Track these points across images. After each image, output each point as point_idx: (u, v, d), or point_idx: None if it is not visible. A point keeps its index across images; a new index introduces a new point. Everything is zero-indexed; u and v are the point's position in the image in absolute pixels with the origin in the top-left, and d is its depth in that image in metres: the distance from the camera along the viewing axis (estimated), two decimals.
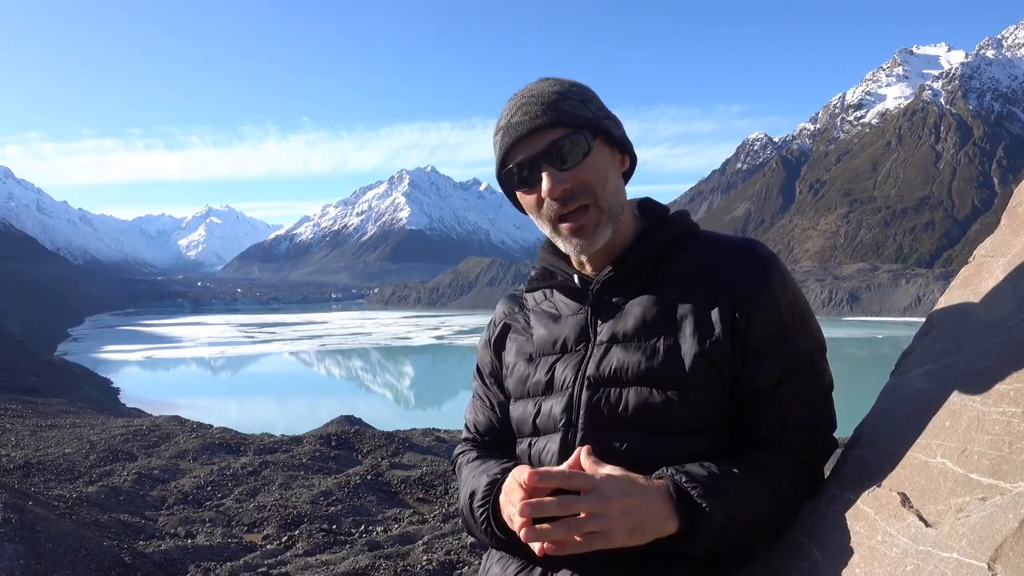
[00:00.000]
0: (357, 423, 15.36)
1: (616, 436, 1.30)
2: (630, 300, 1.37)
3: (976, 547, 0.96)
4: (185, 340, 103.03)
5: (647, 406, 1.29)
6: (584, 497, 1.12)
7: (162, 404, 36.24)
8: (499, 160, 1.37)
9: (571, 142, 1.31)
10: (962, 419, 1.15)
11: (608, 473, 1.16)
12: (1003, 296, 1.31)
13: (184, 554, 6.83)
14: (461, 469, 1.52)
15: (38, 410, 20.60)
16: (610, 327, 1.37)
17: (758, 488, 1.23)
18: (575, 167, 1.31)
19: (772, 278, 1.31)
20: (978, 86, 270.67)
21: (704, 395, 1.29)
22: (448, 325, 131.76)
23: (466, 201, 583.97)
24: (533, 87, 1.38)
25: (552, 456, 1.36)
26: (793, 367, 1.30)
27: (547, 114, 1.31)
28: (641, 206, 1.50)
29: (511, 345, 1.54)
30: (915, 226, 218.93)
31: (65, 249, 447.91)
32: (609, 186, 1.35)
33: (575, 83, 1.39)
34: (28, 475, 9.28)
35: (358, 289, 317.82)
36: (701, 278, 1.34)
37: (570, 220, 1.34)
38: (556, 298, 1.50)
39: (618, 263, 1.38)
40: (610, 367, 1.33)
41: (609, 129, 1.36)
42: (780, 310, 1.30)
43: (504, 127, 1.35)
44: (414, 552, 6.82)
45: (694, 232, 1.43)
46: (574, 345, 1.41)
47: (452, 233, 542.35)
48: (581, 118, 1.33)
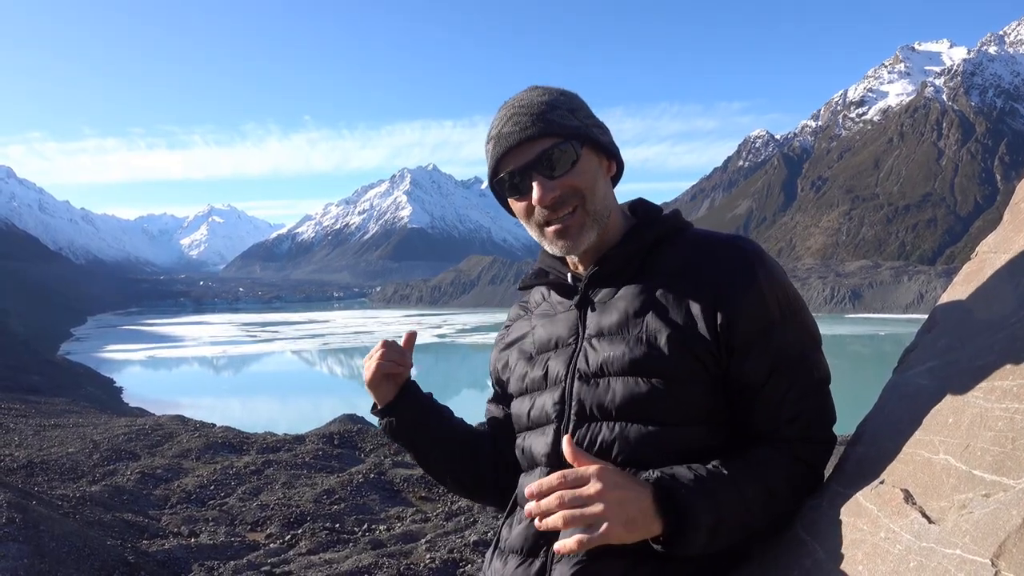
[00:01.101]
0: (360, 422, 15.38)
1: (607, 427, 1.33)
2: (616, 295, 1.40)
3: (979, 543, 0.96)
4: (187, 339, 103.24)
5: (633, 396, 1.31)
6: (582, 489, 1.15)
7: (165, 403, 36.32)
8: (491, 169, 1.43)
9: (560, 151, 1.36)
10: (965, 415, 1.15)
11: (600, 466, 1.19)
12: (1006, 292, 1.30)
13: (188, 553, 6.84)
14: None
15: (41, 410, 20.65)
16: (597, 321, 1.40)
17: (751, 488, 1.24)
18: (564, 175, 1.36)
19: (756, 273, 1.32)
20: (980, 82, 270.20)
21: (689, 387, 1.30)
22: (450, 323, 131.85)
23: (468, 199, 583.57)
24: (522, 97, 1.42)
25: (545, 447, 1.40)
26: (782, 361, 1.31)
27: (536, 125, 1.36)
28: (633, 207, 1.53)
29: (515, 346, 1.59)
30: (917, 223, 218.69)
31: (67, 249, 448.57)
32: (597, 191, 1.39)
33: (564, 92, 1.43)
34: (32, 475, 9.29)
35: (360, 288, 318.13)
36: (687, 274, 1.36)
37: (556, 223, 1.39)
38: (552, 298, 1.55)
39: (603, 259, 1.41)
40: (598, 360, 1.36)
41: (596, 137, 1.41)
42: (766, 304, 1.31)
43: (495, 137, 1.40)
44: (417, 551, 6.82)
45: (683, 229, 1.46)
46: (566, 340, 1.45)
47: (454, 231, 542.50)
48: (569, 128, 1.37)
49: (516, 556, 1.42)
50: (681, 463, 1.25)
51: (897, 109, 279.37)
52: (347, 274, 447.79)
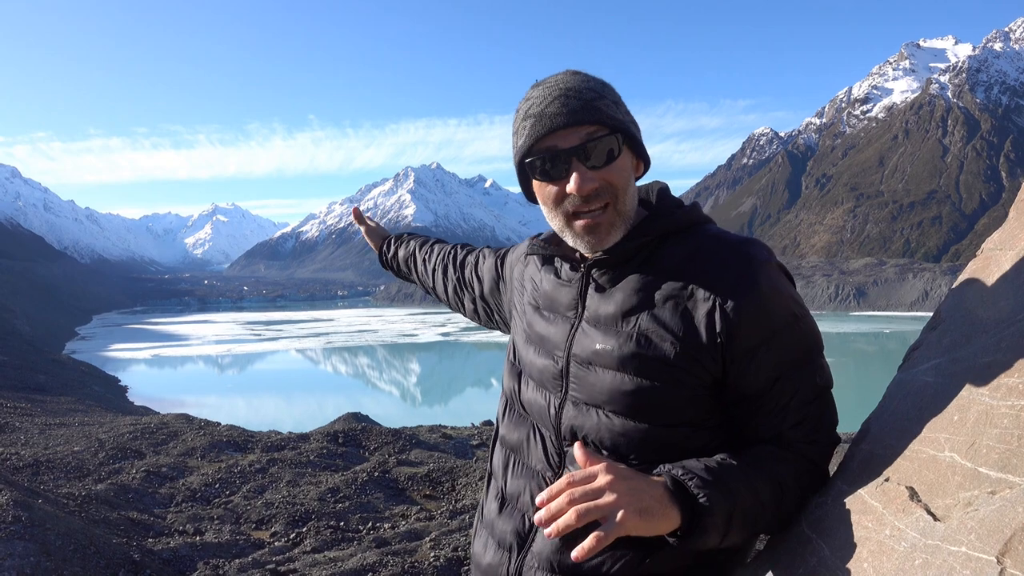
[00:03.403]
0: (364, 420, 15.43)
1: (595, 413, 1.34)
2: (618, 284, 1.38)
3: (985, 541, 0.96)
4: (192, 338, 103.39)
5: (619, 391, 1.31)
6: (591, 484, 1.14)
7: (170, 402, 36.46)
8: (524, 148, 1.36)
9: (604, 143, 1.32)
10: (970, 413, 1.15)
11: (608, 461, 1.19)
12: (1012, 290, 1.30)
13: (193, 551, 6.86)
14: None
15: (47, 408, 20.71)
16: (595, 306, 1.40)
17: (761, 480, 1.23)
18: (603, 167, 1.32)
19: (759, 281, 1.29)
20: (985, 79, 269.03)
21: (676, 389, 1.29)
22: (454, 322, 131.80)
23: (471, 198, 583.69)
24: (567, 79, 1.36)
25: (546, 417, 1.42)
26: (784, 370, 1.29)
27: (585, 111, 1.31)
28: (649, 196, 1.50)
29: (526, 278, 1.61)
30: (922, 220, 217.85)
31: (72, 248, 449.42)
32: (630, 190, 1.37)
33: (606, 83, 1.38)
34: (37, 473, 9.33)
35: (364, 286, 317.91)
36: (691, 274, 1.32)
37: (586, 217, 1.35)
38: (561, 262, 1.52)
39: (610, 249, 1.38)
40: (591, 348, 1.36)
41: (635, 134, 1.37)
42: (768, 314, 1.28)
43: (537, 115, 1.33)
44: (421, 548, 6.83)
45: (696, 225, 1.42)
46: (565, 312, 1.45)
47: (458, 230, 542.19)
48: (615, 120, 1.33)
49: (509, 505, 1.46)
50: (675, 461, 1.24)
51: (902, 106, 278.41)
52: (351, 273, 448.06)
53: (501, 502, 1.49)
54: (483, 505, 1.57)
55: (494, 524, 1.48)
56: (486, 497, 1.57)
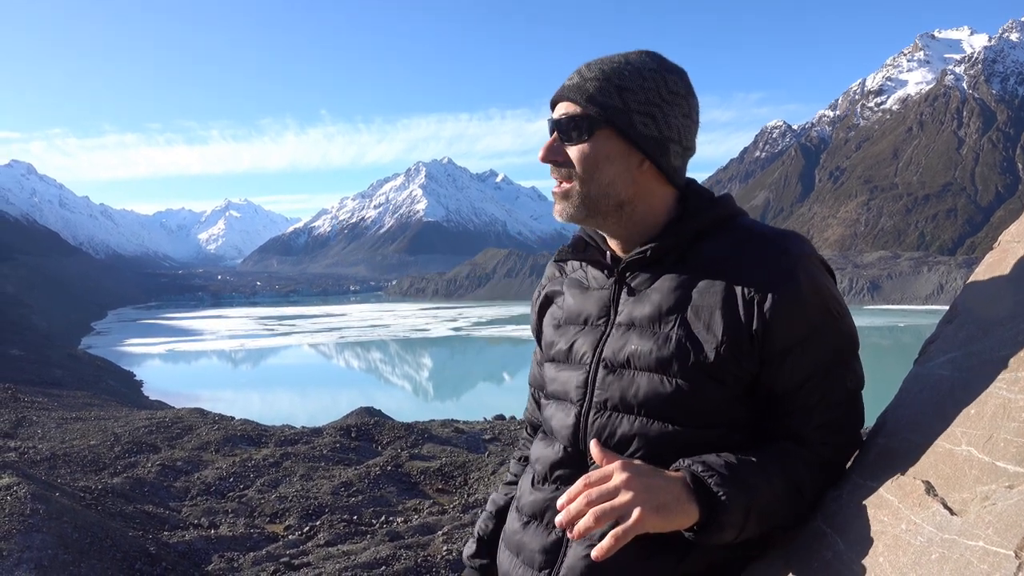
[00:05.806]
0: (377, 414, 15.47)
1: (628, 420, 1.32)
2: (653, 284, 1.35)
3: (1003, 535, 0.95)
4: (206, 333, 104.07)
5: (657, 394, 1.29)
6: (607, 484, 1.14)
7: (184, 396, 36.71)
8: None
9: (573, 122, 1.34)
10: (988, 406, 1.14)
11: (624, 460, 1.18)
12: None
13: (207, 544, 6.92)
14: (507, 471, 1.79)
15: (63, 403, 20.89)
16: (629, 310, 1.36)
17: (779, 476, 1.22)
18: (572, 144, 1.35)
19: (799, 278, 1.26)
20: (1002, 70, 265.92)
21: (716, 390, 1.27)
22: (466, 317, 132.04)
23: (483, 192, 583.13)
24: (604, 57, 1.39)
25: (566, 428, 1.41)
26: (818, 370, 1.27)
27: (572, 89, 1.36)
28: (683, 192, 1.43)
29: (549, 309, 1.59)
30: (937, 213, 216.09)
31: (87, 244, 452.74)
32: (600, 177, 1.34)
33: (637, 67, 1.34)
34: (54, 467, 9.43)
35: (376, 281, 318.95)
36: (728, 271, 1.30)
37: (556, 187, 1.40)
38: (588, 269, 1.50)
39: (645, 247, 1.35)
40: (625, 351, 1.34)
41: (630, 124, 1.32)
42: (805, 313, 1.26)
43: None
44: (434, 543, 6.86)
45: (732, 219, 1.39)
46: (595, 320, 1.42)
47: (469, 225, 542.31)
48: (599, 104, 1.32)
49: (535, 521, 1.44)
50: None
51: (916, 98, 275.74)
52: (363, 268, 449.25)
53: (528, 519, 1.48)
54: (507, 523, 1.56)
55: (520, 541, 1.47)
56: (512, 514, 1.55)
